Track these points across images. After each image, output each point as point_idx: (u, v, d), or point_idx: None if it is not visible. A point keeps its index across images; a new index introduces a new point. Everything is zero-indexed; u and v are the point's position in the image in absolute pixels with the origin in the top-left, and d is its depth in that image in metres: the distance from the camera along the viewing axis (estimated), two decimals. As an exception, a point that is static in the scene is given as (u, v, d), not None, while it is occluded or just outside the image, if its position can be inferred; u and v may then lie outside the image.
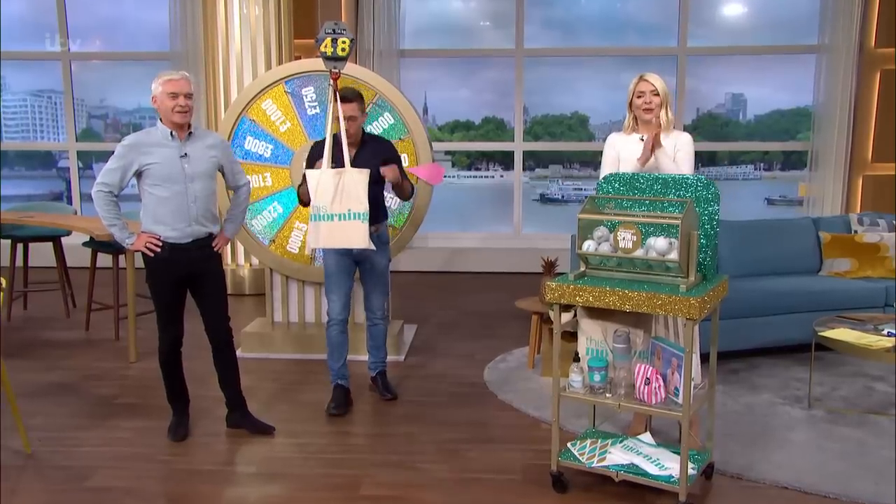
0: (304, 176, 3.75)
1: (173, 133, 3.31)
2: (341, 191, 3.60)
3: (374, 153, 3.82)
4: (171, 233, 3.34)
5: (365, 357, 4.27)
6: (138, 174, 3.30)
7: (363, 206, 3.61)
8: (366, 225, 3.62)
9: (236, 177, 3.58)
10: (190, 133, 3.35)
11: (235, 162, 3.61)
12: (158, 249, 3.34)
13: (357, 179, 3.62)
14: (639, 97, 3.22)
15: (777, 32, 7.62)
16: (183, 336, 3.52)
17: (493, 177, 8.43)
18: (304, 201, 3.83)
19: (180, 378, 3.59)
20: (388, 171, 3.73)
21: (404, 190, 3.92)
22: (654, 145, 3.16)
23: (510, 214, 8.01)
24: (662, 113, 3.21)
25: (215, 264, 3.52)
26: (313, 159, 3.79)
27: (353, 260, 3.93)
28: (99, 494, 3.05)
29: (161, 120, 3.33)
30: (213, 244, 3.47)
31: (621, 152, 3.32)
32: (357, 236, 3.63)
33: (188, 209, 3.34)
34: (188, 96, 3.28)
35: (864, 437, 3.54)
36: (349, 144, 3.74)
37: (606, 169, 3.32)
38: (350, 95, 3.72)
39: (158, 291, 3.41)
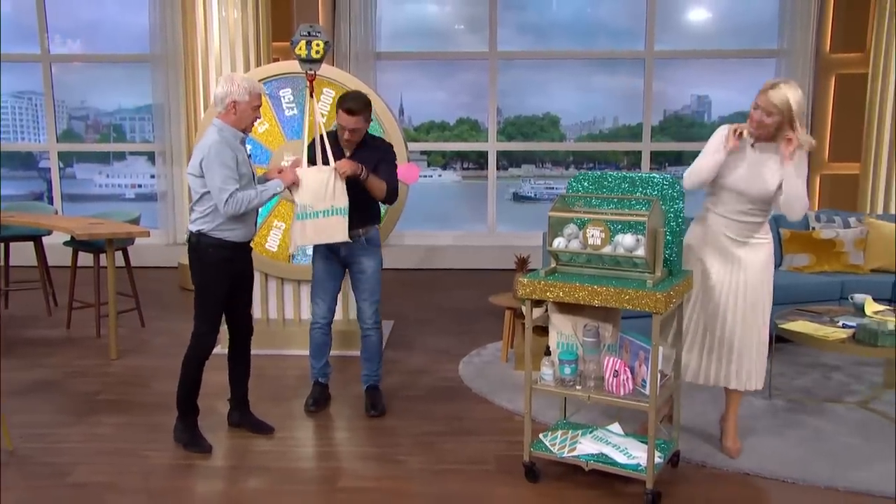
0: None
1: (243, 138, 3.37)
2: (327, 188, 3.61)
3: (370, 155, 3.74)
4: (240, 232, 3.38)
5: (354, 352, 4.28)
6: None
7: (344, 200, 3.61)
8: (345, 218, 3.63)
9: None
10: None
11: None
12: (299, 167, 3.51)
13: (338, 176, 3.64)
14: (754, 109, 3.13)
15: (740, 37, 7.82)
16: None
17: (430, 176, 8.50)
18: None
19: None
20: (343, 164, 3.60)
21: (373, 190, 3.70)
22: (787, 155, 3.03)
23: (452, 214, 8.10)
24: (792, 133, 3.04)
25: (252, 264, 3.60)
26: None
27: (341, 264, 3.90)
28: (80, 490, 3.07)
29: (222, 120, 3.28)
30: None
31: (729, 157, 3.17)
32: (339, 230, 3.64)
33: (255, 211, 3.44)
34: None
35: (822, 424, 3.69)
36: (346, 150, 3.74)
37: (706, 155, 3.19)
38: (356, 108, 3.61)
39: (216, 291, 3.38)
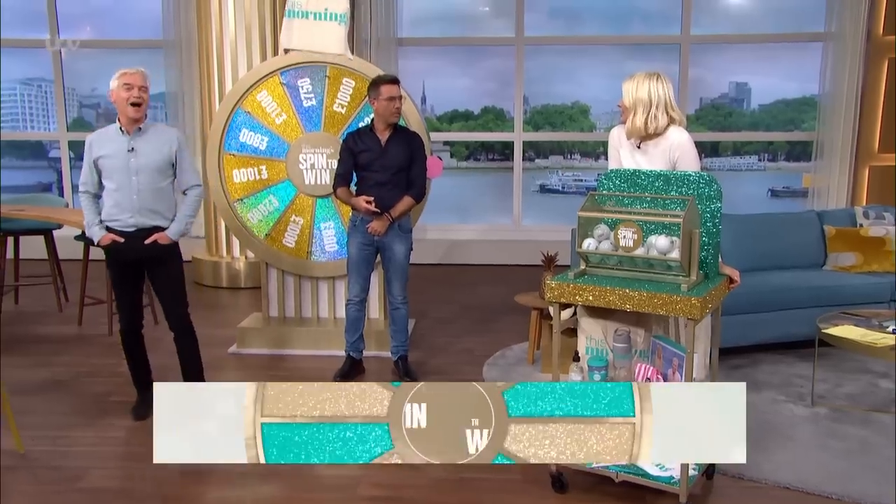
0: (336, 190, 4.08)
1: (122, 128, 3.48)
2: None
3: (403, 144, 3.98)
4: (114, 222, 3.55)
5: (374, 352, 4.57)
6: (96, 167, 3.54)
7: (343, 6, 3.42)
8: (344, 29, 3.43)
9: (186, 177, 3.65)
10: (139, 128, 3.49)
11: (188, 163, 3.64)
12: (122, 240, 3.55)
13: None
14: None
15: (782, 20, 7.49)
16: (141, 321, 3.69)
17: None
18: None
19: (141, 360, 3.75)
20: (375, 227, 3.97)
21: (402, 214, 4.06)
22: None
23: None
24: (631, 119, 2.99)
25: (167, 253, 3.60)
26: (349, 154, 3.96)
27: (374, 248, 4.11)
28: (92, 495, 3.02)
29: (118, 117, 3.51)
30: (149, 238, 3.56)
31: (621, 152, 3.16)
32: (333, 40, 3.44)
33: (130, 201, 3.50)
34: (142, 89, 3.43)
35: (868, 435, 3.50)
36: (388, 125, 3.92)
37: (613, 165, 3.18)
38: (394, 77, 3.91)
39: (111, 274, 3.72)
